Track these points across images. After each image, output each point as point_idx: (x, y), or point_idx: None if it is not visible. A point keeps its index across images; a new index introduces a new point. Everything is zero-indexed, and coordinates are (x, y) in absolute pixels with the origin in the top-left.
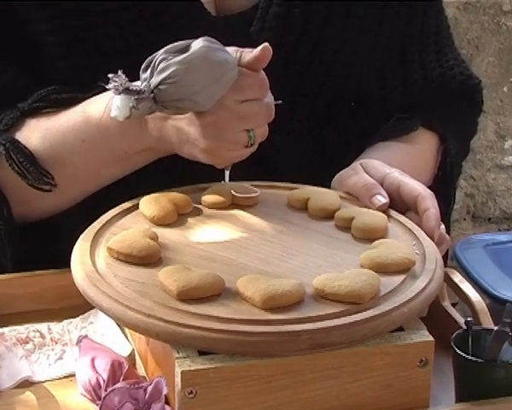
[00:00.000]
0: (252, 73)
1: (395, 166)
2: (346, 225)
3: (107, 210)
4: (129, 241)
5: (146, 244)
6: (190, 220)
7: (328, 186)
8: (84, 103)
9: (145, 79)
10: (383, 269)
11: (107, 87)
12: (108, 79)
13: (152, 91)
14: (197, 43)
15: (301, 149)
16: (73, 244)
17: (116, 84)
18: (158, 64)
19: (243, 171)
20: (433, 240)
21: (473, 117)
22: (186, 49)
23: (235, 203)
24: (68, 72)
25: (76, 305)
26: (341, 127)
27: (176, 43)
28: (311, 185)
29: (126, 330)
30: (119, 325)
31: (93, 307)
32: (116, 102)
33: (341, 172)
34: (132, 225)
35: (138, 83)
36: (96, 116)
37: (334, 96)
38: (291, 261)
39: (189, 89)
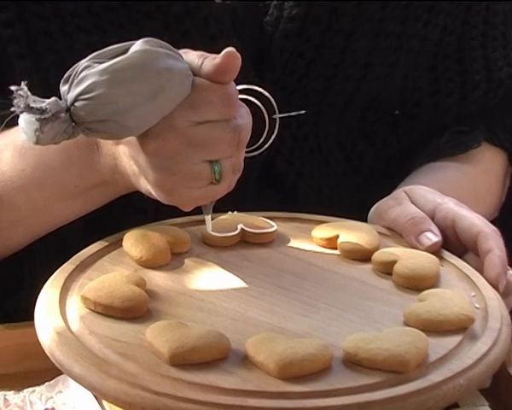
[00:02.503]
0: (212, 86)
1: (450, 194)
2: (386, 270)
3: (82, 247)
4: (109, 288)
5: (131, 293)
6: (188, 262)
7: (364, 219)
8: None
9: (63, 94)
10: (433, 328)
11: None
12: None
13: (68, 109)
14: (134, 47)
15: (329, 172)
16: (38, 293)
17: (18, 100)
18: (79, 74)
19: (255, 199)
20: (497, 290)
21: None
22: (123, 54)
23: (245, 240)
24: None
25: (40, 369)
26: (380, 143)
27: (111, 47)
28: (342, 218)
29: (105, 403)
30: (95, 397)
31: (62, 373)
32: (21, 124)
33: (380, 202)
34: (113, 267)
35: (52, 99)
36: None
37: (371, 104)
38: (315, 316)
39: (111, 107)
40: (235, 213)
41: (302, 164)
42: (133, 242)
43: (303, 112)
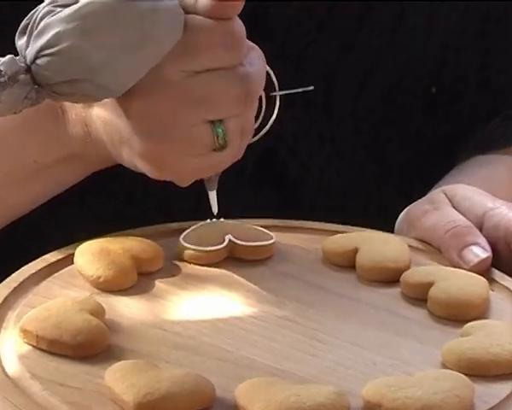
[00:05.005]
0: (211, 25)
1: (502, 196)
2: (419, 295)
3: (22, 264)
4: (56, 318)
5: (85, 324)
6: (159, 284)
7: (391, 229)
8: None
9: (20, 49)
10: (480, 371)
11: None
12: None
13: (28, 68)
14: None
15: (343, 166)
16: None
17: None
18: (38, 22)
19: (248, 202)
20: None
21: None
22: None
23: (234, 256)
24: None
25: None
26: (410, 130)
27: None
28: (360, 227)
29: None
30: None
31: None
32: None
33: (412, 207)
34: (62, 290)
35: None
36: None
37: (398, 80)
38: (326, 356)
39: (82, 63)
40: (222, 220)
41: (309, 156)
42: (88, 258)
43: (310, 88)
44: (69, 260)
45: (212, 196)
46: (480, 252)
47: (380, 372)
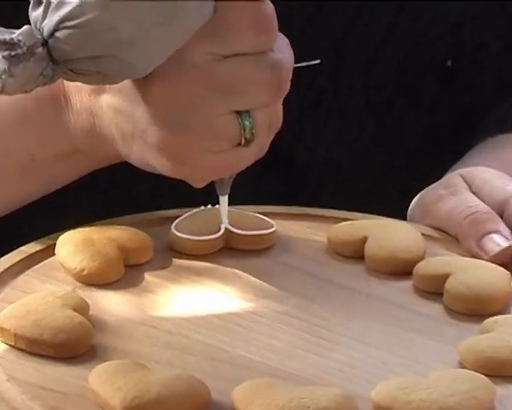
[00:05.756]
0: (241, 6)
1: None
2: (434, 288)
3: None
4: (36, 315)
5: (67, 321)
6: (149, 277)
7: (403, 216)
8: None
9: (35, 21)
10: (501, 371)
11: None
12: None
13: (45, 42)
14: None
15: (353, 146)
16: None
17: None
18: None
19: (247, 186)
20: None
21: None
22: None
23: (231, 246)
24: None
25: None
26: (425, 106)
27: None
28: (370, 213)
29: None
30: None
31: None
32: None
33: (426, 191)
34: (42, 285)
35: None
36: None
37: (413, 49)
38: (331, 354)
39: (109, 36)
40: (217, 206)
41: (315, 134)
42: (70, 248)
43: (317, 62)
44: (50, 251)
45: (223, 203)
46: (501, 241)
47: (390, 373)
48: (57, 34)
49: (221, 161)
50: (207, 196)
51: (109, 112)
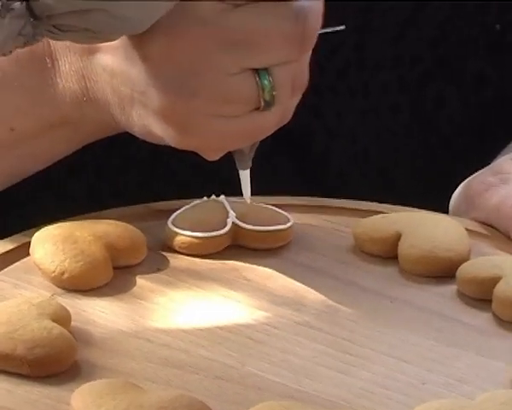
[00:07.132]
0: None
1: None
2: (481, 295)
3: None
4: (8, 326)
5: (45, 333)
6: (141, 282)
7: (444, 209)
8: None
9: None
10: None
11: None
12: None
13: None
14: None
15: (381, 128)
16: None
17: None
18: None
19: (259, 174)
20: None
21: None
22: None
23: (240, 244)
24: None
25: None
26: (468, 81)
27: None
28: (404, 206)
29: None
30: None
31: None
32: None
33: (471, 180)
34: (15, 290)
35: None
36: None
37: (452, 14)
38: (358, 372)
39: None
40: (223, 197)
41: (337, 115)
42: (49, 247)
43: (341, 27)
44: (24, 250)
45: (245, 178)
46: None
47: (430, 394)
48: None
49: (236, 129)
50: (211, 185)
51: (104, 74)
